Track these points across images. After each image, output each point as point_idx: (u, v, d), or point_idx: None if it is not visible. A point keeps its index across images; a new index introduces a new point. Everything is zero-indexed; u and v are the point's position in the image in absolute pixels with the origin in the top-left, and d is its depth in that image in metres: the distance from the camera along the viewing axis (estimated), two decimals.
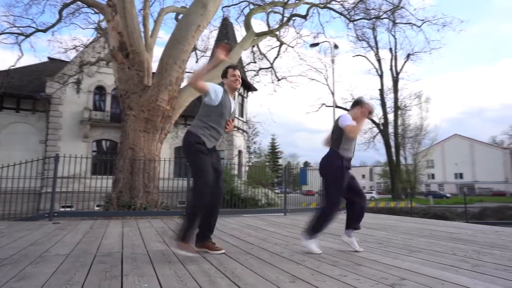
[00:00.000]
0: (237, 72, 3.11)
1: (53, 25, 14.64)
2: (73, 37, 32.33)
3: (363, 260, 2.79)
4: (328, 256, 2.92)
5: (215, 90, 2.92)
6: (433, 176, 59.56)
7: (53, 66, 21.16)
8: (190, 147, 2.86)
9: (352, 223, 3.30)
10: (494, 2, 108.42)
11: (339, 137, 3.18)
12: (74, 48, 17.31)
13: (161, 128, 8.60)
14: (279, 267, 2.50)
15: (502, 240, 4.03)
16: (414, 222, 6.35)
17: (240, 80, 3.12)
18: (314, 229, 3.11)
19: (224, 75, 3.13)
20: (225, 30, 24.68)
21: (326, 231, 4.64)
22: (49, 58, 22.75)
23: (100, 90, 22.17)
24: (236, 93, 3.13)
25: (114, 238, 3.79)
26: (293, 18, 15.18)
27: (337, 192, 3.12)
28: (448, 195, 43.27)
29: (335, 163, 3.14)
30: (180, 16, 13.83)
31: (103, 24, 16.67)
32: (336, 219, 3.28)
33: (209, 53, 21.91)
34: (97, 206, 9.97)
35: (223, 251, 3.00)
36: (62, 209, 7.96)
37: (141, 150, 8.19)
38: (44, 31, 14.79)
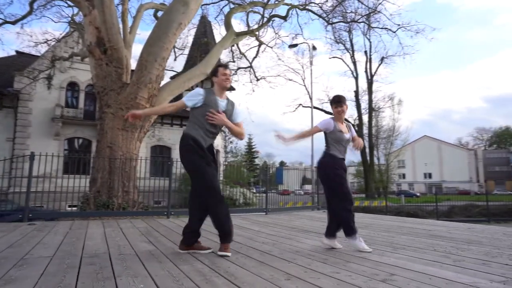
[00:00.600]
0: (228, 71, 3.10)
1: (23, 17, 14.00)
2: (44, 31, 30.98)
3: (352, 257, 2.87)
4: (317, 254, 2.98)
5: (190, 96, 2.99)
6: (404, 176, 61.70)
7: (22, 60, 20.17)
8: (183, 147, 2.94)
9: (332, 228, 3.33)
10: (460, 10, 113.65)
11: (326, 141, 3.40)
12: (45, 42, 16.61)
13: (141, 126, 8.43)
14: (272, 265, 2.53)
15: (475, 236, 4.25)
16: (391, 220, 6.57)
17: (231, 79, 3.11)
18: (350, 228, 3.15)
19: (214, 73, 3.11)
20: (204, 28, 24.46)
21: (311, 230, 4.73)
22: (17, 51, 21.68)
23: (73, 86, 21.39)
24: (230, 95, 3.14)
25: (97, 239, 3.69)
26: (273, 18, 15.30)
27: (342, 190, 3.25)
28: (418, 194, 44.98)
29: (327, 164, 3.32)
30: (159, 13, 13.60)
31: (77, 18, 16.13)
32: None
33: (187, 51, 21.68)
34: (69, 206, 9.59)
35: (211, 249, 3.00)
36: (37, 210, 7.60)
37: (119, 149, 7.99)
38: (13, 23, 14.12)
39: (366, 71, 33.80)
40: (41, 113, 19.68)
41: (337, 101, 3.36)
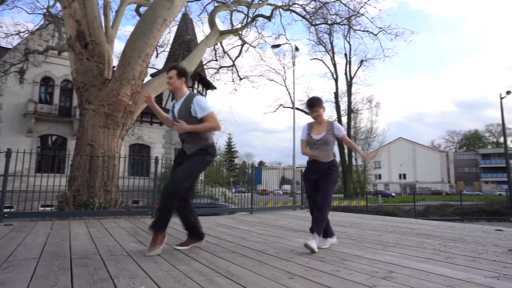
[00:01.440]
0: (169, 74, 3.14)
1: None
2: (16, 22, 29.63)
3: (347, 255, 2.89)
4: (314, 254, 2.98)
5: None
6: (380, 176, 63.30)
7: None
8: None
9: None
10: (432, 17, 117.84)
11: None
12: (17, 34, 15.91)
13: (123, 124, 8.21)
14: (270, 264, 2.51)
15: (458, 234, 4.40)
16: (374, 219, 6.70)
17: (170, 81, 3.12)
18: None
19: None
20: (185, 26, 24.17)
21: (300, 229, 4.75)
22: None
23: (47, 81, 20.58)
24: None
25: (83, 240, 3.54)
26: (257, 18, 15.30)
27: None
28: (393, 194, 46.20)
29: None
30: (141, 8, 13.30)
31: (53, 10, 15.54)
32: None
33: (168, 48, 21.32)
34: (42, 206, 9.18)
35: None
36: (14, 210, 7.22)
37: (100, 147, 7.74)
38: None
39: (346, 73, 34.42)
40: (12, 109, 18.84)
41: (310, 105, 3.38)
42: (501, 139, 71.81)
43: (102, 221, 5.46)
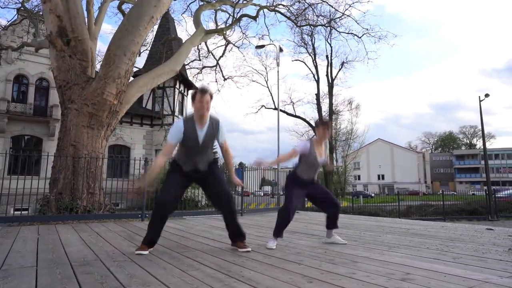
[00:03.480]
0: (205, 98, 2.92)
1: None
2: None
3: (355, 257, 2.86)
4: (321, 255, 2.94)
5: (172, 134, 2.98)
6: (359, 177, 64.46)
7: None
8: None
9: (329, 226, 3.64)
10: (407, 21, 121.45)
11: (298, 159, 3.51)
12: None
13: (107, 124, 7.93)
14: (284, 267, 2.44)
15: (453, 233, 4.48)
16: (366, 220, 6.76)
17: (207, 106, 2.95)
18: (276, 230, 3.44)
19: (192, 98, 3.01)
20: (167, 24, 23.78)
21: (297, 231, 4.70)
22: None
23: (21, 79, 19.69)
24: (211, 120, 3.07)
25: (77, 245, 3.36)
26: (242, 18, 15.22)
27: (285, 201, 3.53)
28: (372, 194, 47.09)
29: (288, 179, 3.58)
30: (124, 6, 12.96)
31: (28, 5, 14.88)
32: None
33: (149, 46, 20.88)
34: (16, 210, 8.70)
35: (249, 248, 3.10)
36: None
37: (84, 147, 7.44)
38: None
39: (327, 75, 34.83)
40: None
41: (326, 122, 3.52)
42: (474, 140, 74.80)
43: (90, 225, 5.23)
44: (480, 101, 20.03)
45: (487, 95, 20.11)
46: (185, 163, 3.06)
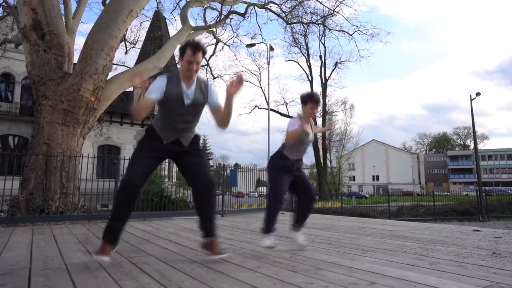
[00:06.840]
0: (197, 57, 2.42)
1: None
2: None
3: (322, 263, 2.57)
4: (284, 261, 2.64)
5: (151, 89, 2.43)
6: (353, 178, 64.39)
7: None
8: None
9: (295, 220, 3.32)
10: (400, 22, 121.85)
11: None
12: None
13: (84, 121, 7.60)
14: (234, 276, 2.15)
15: (437, 235, 4.21)
16: (350, 221, 6.49)
17: (197, 68, 2.46)
18: (266, 225, 3.13)
19: (181, 53, 2.48)
20: (158, 23, 23.45)
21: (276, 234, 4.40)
22: None
23: (6, 78, 19.30)
24: (202, 78, 2.50)
25: (19, 250, 3.04)
26: (231, 17, 14.95)
27: (273, 187, 3.17)
28: (366, 195, 46.96)
29: (273, 161, 3.22)
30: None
31: (12, 1, 14.49)
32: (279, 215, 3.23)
33: (139, 45, 20.55)
34: None
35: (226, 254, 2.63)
36: None
37: (58, 146, 7.11)
38: None
39: (320, 75, 34.67)
40: None
41: (317, 101, 3.18)
42: (468, 142, 75.07)
43: (54, 227, 4.90)
44: (471, 100, 19.90)
45: (478, 94, 19.98)
46: (165, 130, 2.52)
